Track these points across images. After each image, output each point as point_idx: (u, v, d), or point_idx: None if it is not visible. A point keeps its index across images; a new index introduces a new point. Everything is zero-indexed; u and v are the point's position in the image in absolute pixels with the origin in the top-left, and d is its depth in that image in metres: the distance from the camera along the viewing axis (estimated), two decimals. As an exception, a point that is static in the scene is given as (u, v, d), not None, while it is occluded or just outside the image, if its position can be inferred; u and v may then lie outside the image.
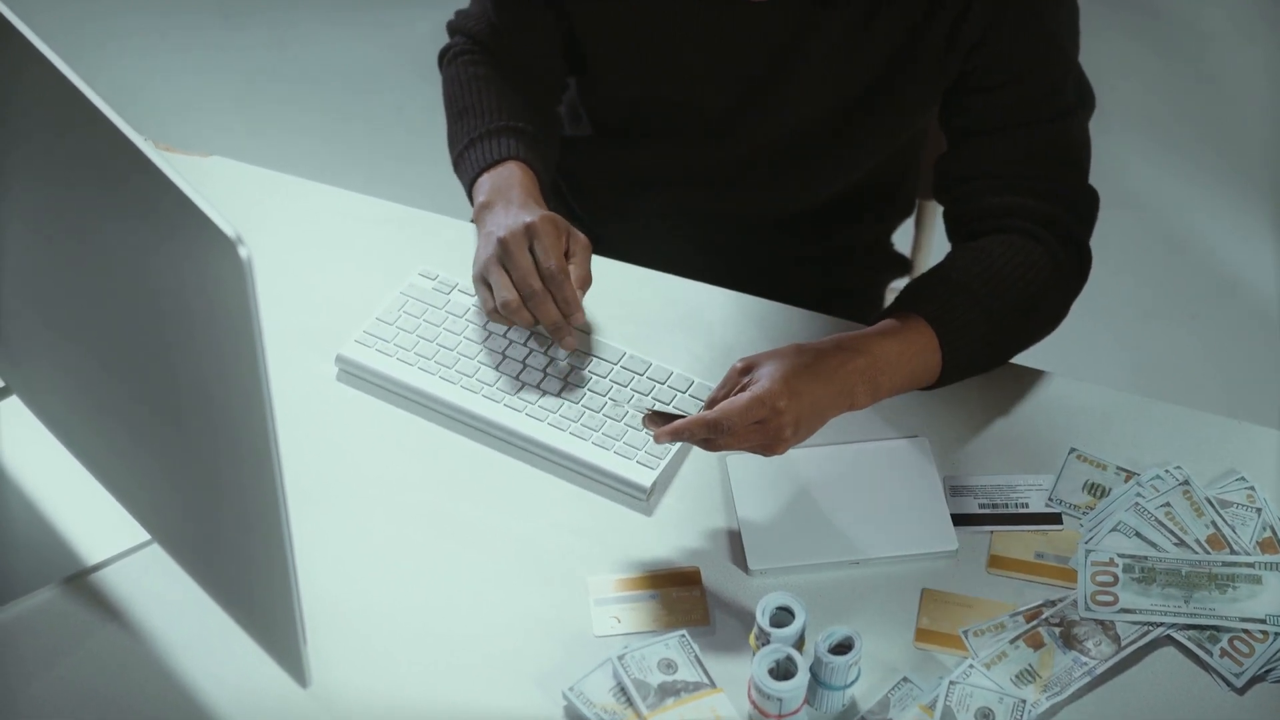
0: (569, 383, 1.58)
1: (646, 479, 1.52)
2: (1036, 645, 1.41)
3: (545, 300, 1.54)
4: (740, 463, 1.54)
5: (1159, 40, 3.30)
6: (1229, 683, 1.41)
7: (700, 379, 1.59)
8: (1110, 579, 1.45)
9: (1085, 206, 1.63)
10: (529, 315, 1.55)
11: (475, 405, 1.57)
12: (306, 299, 1.67)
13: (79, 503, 1.48)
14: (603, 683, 1.38)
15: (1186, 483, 1.51)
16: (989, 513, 1.51)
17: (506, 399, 1.57)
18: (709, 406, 1.47)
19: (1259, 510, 1.50)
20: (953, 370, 1.56)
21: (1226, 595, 1.44)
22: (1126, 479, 1.53)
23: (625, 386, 1.58)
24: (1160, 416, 1.60)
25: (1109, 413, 1.60)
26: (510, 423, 1.56)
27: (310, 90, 3.21)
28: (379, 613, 1.44)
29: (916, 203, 1.98)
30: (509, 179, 1.63)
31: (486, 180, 1.64)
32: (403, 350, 1.61)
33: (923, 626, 1.44)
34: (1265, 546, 1.48)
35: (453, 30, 1.79)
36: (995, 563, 1.48)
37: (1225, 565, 1.45)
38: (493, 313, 1.57)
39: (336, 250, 1.72)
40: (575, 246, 1.58)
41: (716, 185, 1.79)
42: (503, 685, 1.40)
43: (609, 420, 1.56)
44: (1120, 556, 1.46)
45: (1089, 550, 1.46)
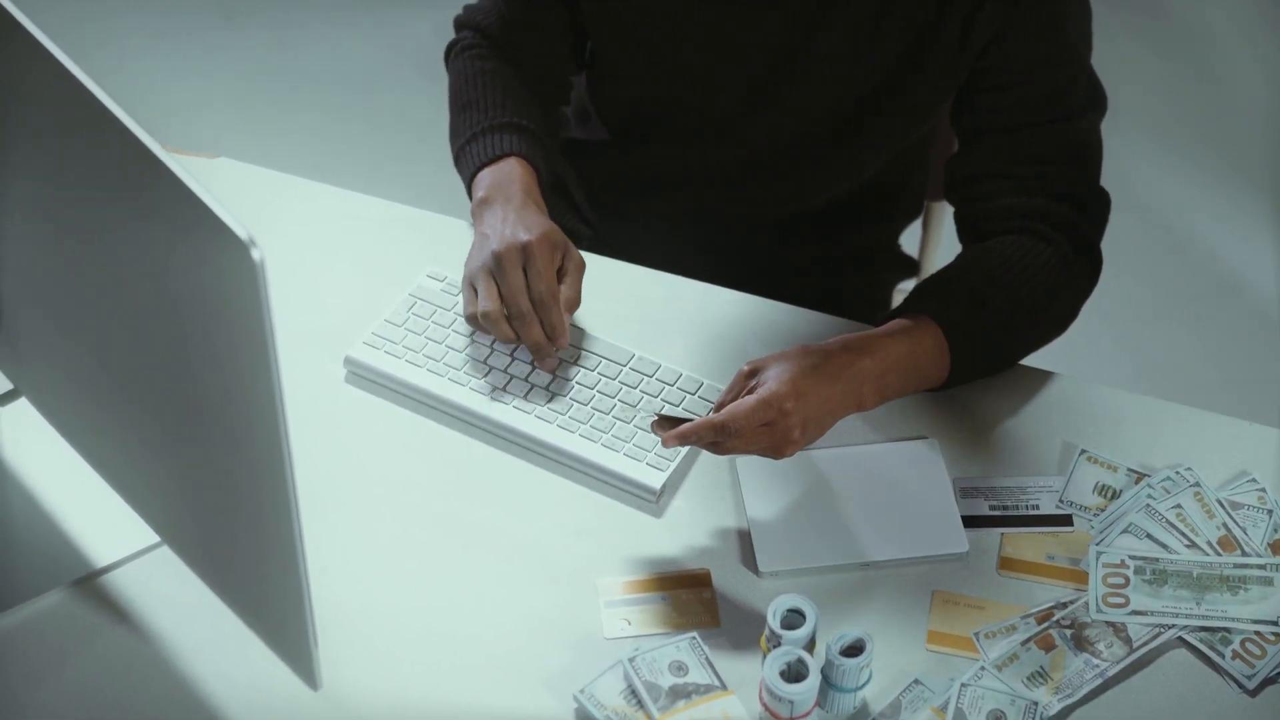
0: (578, 384, 1.58)
1: (656, 481, 1.51)
2: (1048, 647, 1.41)
3: (531, 322, 1.54)
4: (750, 464, 1.53)
5: (1162, 41, 3.30)
6: (1241, 684, 1.40)
7: (709, 380, 1.59)
8: (1121, 581, 1.45)
9: (1096, 207, 1.62)
10: (509, 330, 1.55)
11: (484, 407, 1.56)
12: (314, 300, 1.67)
13: (87, 505, 1.47)
14: (613, 685, 1.38)
15: (1197, 484, 1.51)
16: (999, 515, 1.51)
17: (515, 401, 1.57)
18: (716, 410, 1.47)
19: (1270, 512, 1.50)
20: (961, 371, 1.56)
21: (1238, 597, 1.44)
22: (1137, 481, 1.53)
23: (634, 388, 1.58)
24: (1170, 418, 1.59)
25: (1119, 414, 1.59)
26: (519, 424, 1.55)
27: (312, 90, 3.21)
28: (388, 615, 1.44)
29: (924, 204, 1.98)
30: (509, 176, 1.63)
31: (486, 176, 1.64)
32: (411, 352, 1.60)
33: (934, 629, 1.44)
34: (1276, 548, 1.48)
35: (460, 25, 1.79)
36: (1006, 565, 1.48)
37: (1236, 567, 1.45)
38: (471, 318, 1.57)
39: (344, 252, 1.72)
40: (569, 265, 1.58)
41: (723, 185, 1.78)
42: (513, 687, 1.39)
43: (618, 422, 1.55)
44: (1131, 558, 1.46)
45: (1100, 552, 1.46)
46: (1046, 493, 1.52)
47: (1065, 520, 1.51)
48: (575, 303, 1.57)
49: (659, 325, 1.66)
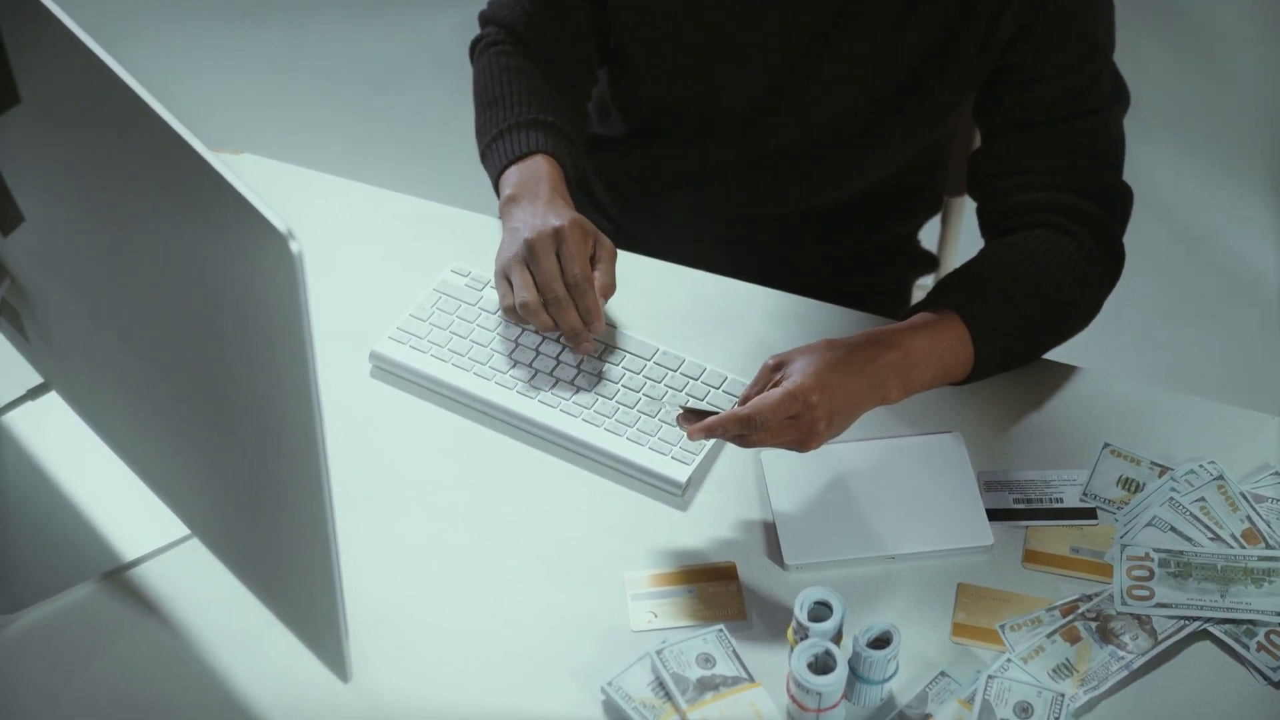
0: (603, 379, 1.59)
1: (682, 474, 1.52)
2: (1073, 640, 1.42)
3: (568, 307, 1.54)
4: (775, 458, 1.54)
5: (1179, 41, 3.30)
6: (1266, 677, 1.41)
7: (733, 375, 1.59)
8: (1146, 574, 1.45)
9: (1119, 202, 1.63)
10: (547, 318, 1.55)
11: (509, 401, 1.57)
12: (340, 295, 1.67)
13: (117, 498, 1.48)
14: (641, 677, 1.39)
15: (1221, 477, 1.51)
16: (1024, 508, 1.52)
17: (541, 395, 1.57)
18: (742, 403, 1.47)
19: (1293, 505, 1.51)
20: (985, 365, 1.57)
21: (1262, 589, 1.44)
22: (1161, 474, 1.53)
23: (659, 383, 1.59)
24: (1193, 412, 1.60)
25: (1142, 408, 1.60)
26: (545, 419, 1.56)
27: (332, 88, 3.21)
28: (415, 607, 1.44)
29: (944, 199, 1.98)
30: (536, 173, 1.64)
31: (514, 173, 1.64)
32: (436, 346, 1.61)
33: (959, 621, 1.44)
34: (1300, 541, 1.48)
35: (485, 20, 1.79)
36: (1031, 558, 1.48)
37: (1261, 560, 1.46)
38: (509, 309, 1.57)
39: (369, 247, 1.73)
40: (601, 253, 1.58)
41: (745, 182, 1.79)
42: (541, 680, 1.40)
43: (643, 416, 1.56)
44: (1156, 551, 1.46)
45: (1124, 545, 1.47)
46: (1070, 486, 1.53)
47: (1089, 513, 1.51)
48: (610, 288, 1.57)
49: (683, 320, 1.66)
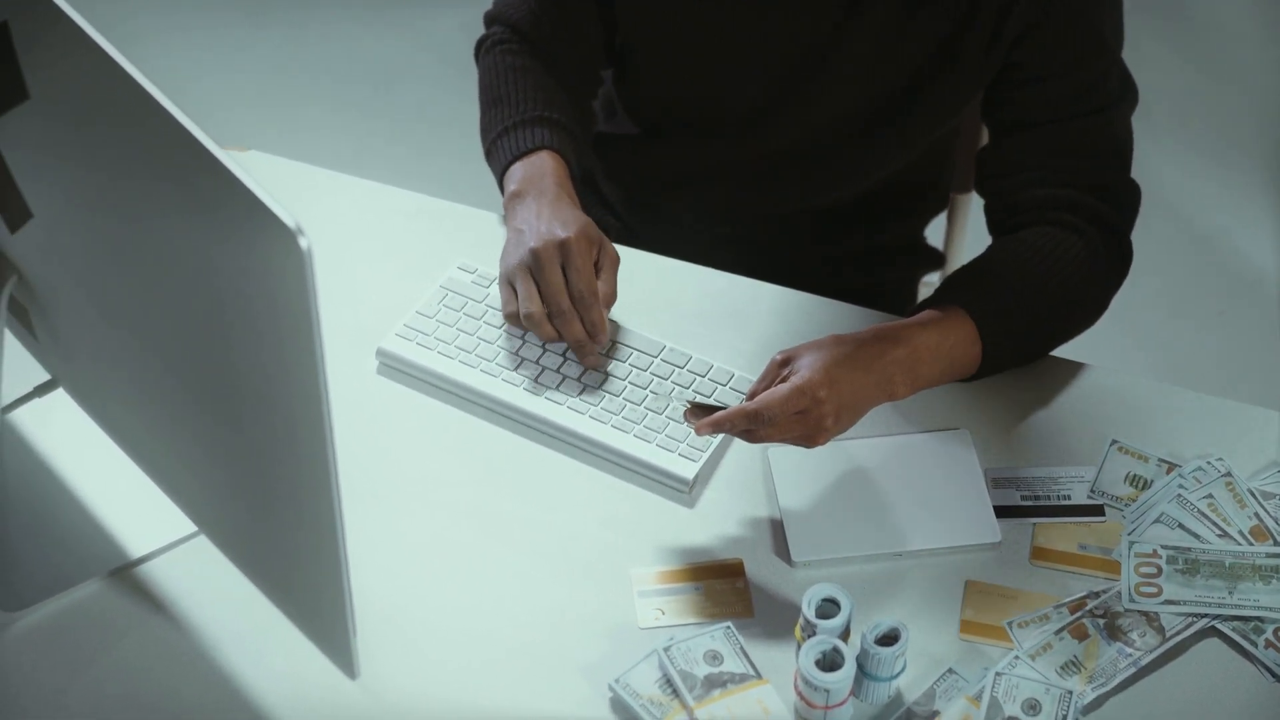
0: (610, 375, 1.59)
1: (689, 471, 1.52)
2: (1081, 636, 1.41)
3: (573, 319, 1.54)
4: (782, 454, 1.54)
5: (1184, 41, 3.30)
6: (1274, 674, 1.41)
7: (740, 372, 1.59)
8: (1154, 570, 1.45)
9: (1127, 199, 1.63)
10: (551, 330, 1.55)
11: (516, 398, 1.57)
12: (346, 292, 1.67)
13: (125, 495, 1.48)
14: (648, 674, 1.39)
15: (1229, 474, 1.51)
16: (1031, 505, 1.51)
17: (548, 392, 1.57)
18: (749, 398, 1.47)
19: (1301, 502, 1.50)
20: (992, 362, 1.56)
21: (1270, 586, 1.44)
22: (1168, 471, 1.53)
23: (666, 379, 1.58)
24: (1200, 409, 1.60)
25: (1150, 405, 1.60)
26: (552, 415, 1.56)
27: (338, 86, 3.21)
28: (421, 604, 1.44)
29: (951, 197, 1.98)
30: (541, 169, 1.63)
31: (518, 169, 1.64)
32: (443, 343, 1.61)
33: (967, 618, 1.44)
34: (1308, 538, 1.48)
35: (490, 20, 1.79)
36: (1038, 554, 1.48)
37: (1269, 556, 1.45)
38: (511, 317, 1.57)
39: (375, 244, 1.73)
40: (605, 261, 1.58)
41: (751, 181, 1.79)
42: (548, 677, 1.40)
43: (650, 413, 1.56)
44: (1163, 548, 1.46)
45: (1132, 542, 1.47)
46: (1078, 483, 1.53)
47: (1097, 510, 1.51)
48: (612, 298, 1.58)
49: (689, 317, 1.66)
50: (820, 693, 1.33)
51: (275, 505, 1.23)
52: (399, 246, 1.72)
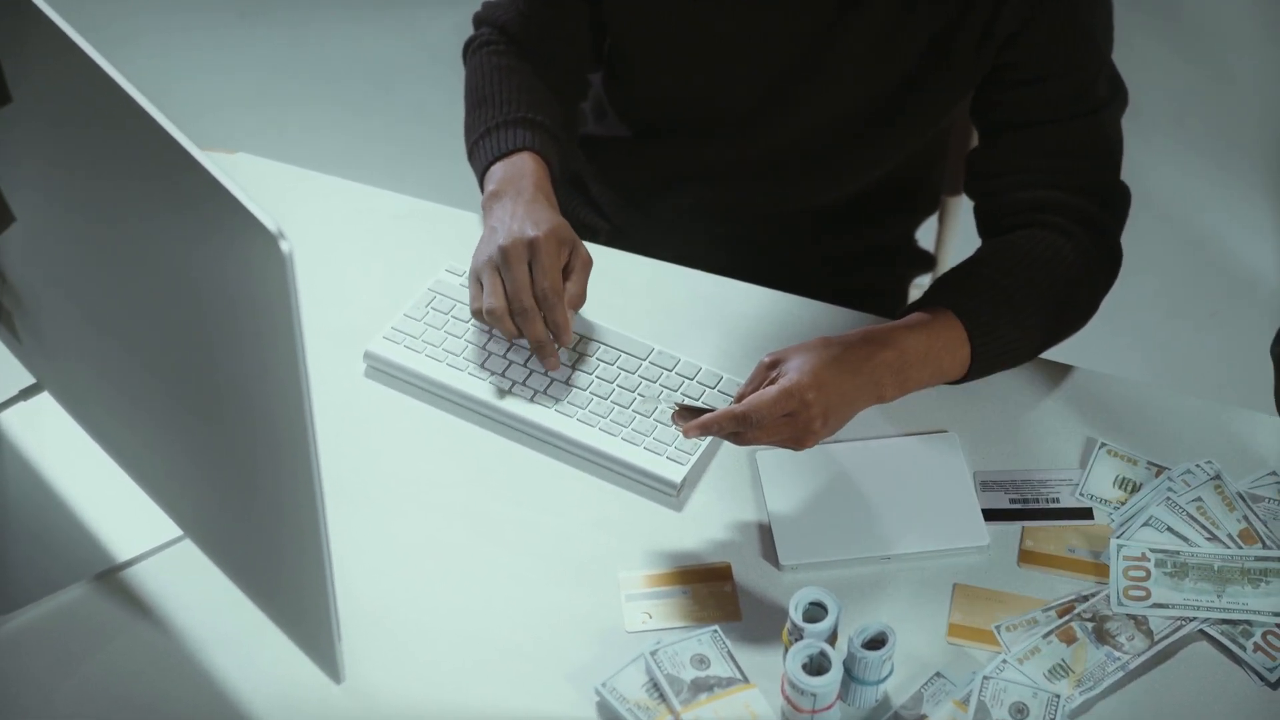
0: (598, 378, 1.58)
1: (677, 474, 1.52)
2: (1069, 640, 1.41)
3: (535, 319, 1.54)
4: (770, 458, 1.53)
5: (1179, 40, 3.30)
6: (1262, 677, 1.40)
7: (728, 374, 1.59)
8: (1142, 573, 1.45)
9: (1117, 202, 1.63)
10: (512, 327, 1.55)
11: (504, 401, 1.57)
12: (334, 295, 1.67)
13: (110, 499, 1.48)
14: (635, 678, 1.38)
15: (1218, 477, 1.51)
16: (1020, 508, 1.51)
17: (535, 395, 1.57)
18: (737, 401, 1.47)
19: (1290, 505, 1.50)
20: (982, 364, 1.56)
21: (1259, 589, 1.43)
22: (1157, 474, 1.53)
23: (654, 382, 1.58)
24: (1190, 411, 1.59)
25: (1139, 407, 1.59)
26: (539, 419, 1.55)
27: (330, 88, 3.21)
28: (407, 608, 1.44)
29: (941, 199, 1.98)
30: (520, 170, 1.63)
31: (498, 170, 1.64)
32: (430, 346, 1.61)
33: (955, 622, 1.44)
34: (1297, 541, 1.48)
35: (479, 21, 1.79)
36: (1026, 558, 1.48)
37: (1258, 560, 1.45)
38: (475, 312, 1.57)
39: (363, 246, 1.72)
40: (576, 262, 1.58)
41: (742, 182, 1.79)
42: (535, 681, 1.39)
43: (638, 416, 1.55)
44: (1152, 551, 1.46)
45: (1121, 545, 1.46)
46: (1067, 486, 1.52)
47: (1086, 513, 1.51)
48: (580, 300, 1.57)
49: (678, 320, 1.66)
50: (807, 697, 1.33)
51: (258, 508, 1.22)
52: (387, 249, 1.72)
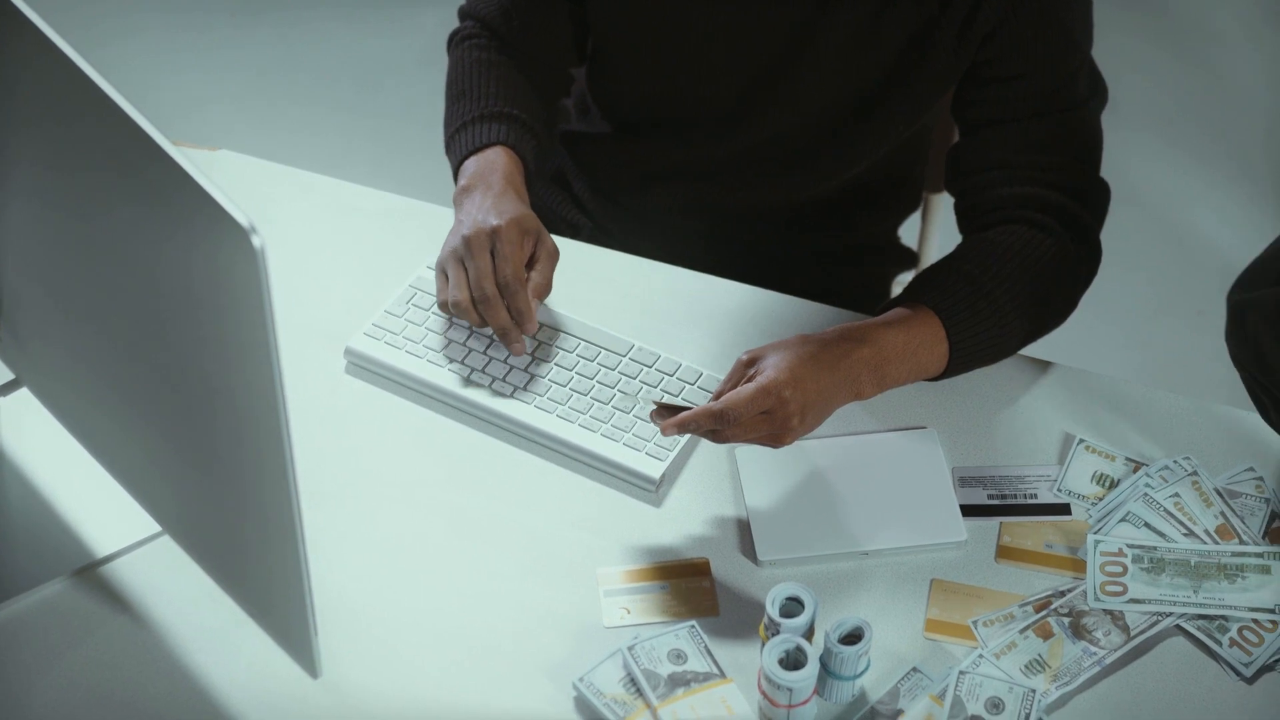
0: (578, 374, 1.58)
1: (655, 470, 1.52)
2: (1046, 635, 1.42)
3: (496, 305, 1.54)
4: (749, 454, 1.54)
5: (1166, 38, 3.31)
6: (1238, 672, 1.41)
7: (708, 371, 1.59)
8: (1119, 569, 1.45)
9: (1096, 198, 1.63)
10: (477, 315, 1.55)
11: (483, 398, 1.57)
12: (315, 291, 1.67)
13: (88, 494, 1.48)
14: (612, 673, 1.38)
15: (1195, 474, 1.51)
16: (997, 503, 1.51)
17: (515, 391, 1.57)
18: (715, 398, 1.47)
19: (1267, 501, 1.50)
20: (960, 361, 1.56)
21: (1235, 585, 1.44)
22: (1135, 470, 1.53)
23: (634, 378, 1.58)
24: (1169, 408, 1.60)
25: (1117, 404, 1.60)
26: (519, 415, 1.56)
27: (317, 85, 3.21)
28: (387, 604, 1.44)
29: (924, 195, 1.98)
30: (492, 164, 1.64)
31: (471, 164, 1.65)
32: (411, 343, 1.61)
33: (932, 617, 1.44)
34: (1274, 537, 1.48)
35: (464, 14, 1.79)
36: (1004, 553, 1.48)
37: (1234, 555, 1.46)
38: (442, 304, 1.57)
39: (344, 243, 1.72)
40: (541, 253, 1.58)
41: (723, 178, 1.79)
42: (512, 676, 1.40)
43: (618, 412, 1.56)
44: (1129, 547, 1.46)
45: (1098, 540, 1.47)
46: (1044, 482, 1.53)
47: (1063, 509, 1.51)
48: (545, 289, 1.57)
49: (658, 316, 1.66)
50: (783, 691, 1.33)
51: (234, 504, 1.22)
52: (368, 246, 1.72)
